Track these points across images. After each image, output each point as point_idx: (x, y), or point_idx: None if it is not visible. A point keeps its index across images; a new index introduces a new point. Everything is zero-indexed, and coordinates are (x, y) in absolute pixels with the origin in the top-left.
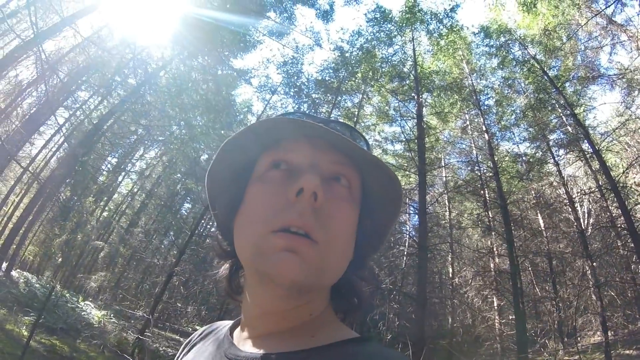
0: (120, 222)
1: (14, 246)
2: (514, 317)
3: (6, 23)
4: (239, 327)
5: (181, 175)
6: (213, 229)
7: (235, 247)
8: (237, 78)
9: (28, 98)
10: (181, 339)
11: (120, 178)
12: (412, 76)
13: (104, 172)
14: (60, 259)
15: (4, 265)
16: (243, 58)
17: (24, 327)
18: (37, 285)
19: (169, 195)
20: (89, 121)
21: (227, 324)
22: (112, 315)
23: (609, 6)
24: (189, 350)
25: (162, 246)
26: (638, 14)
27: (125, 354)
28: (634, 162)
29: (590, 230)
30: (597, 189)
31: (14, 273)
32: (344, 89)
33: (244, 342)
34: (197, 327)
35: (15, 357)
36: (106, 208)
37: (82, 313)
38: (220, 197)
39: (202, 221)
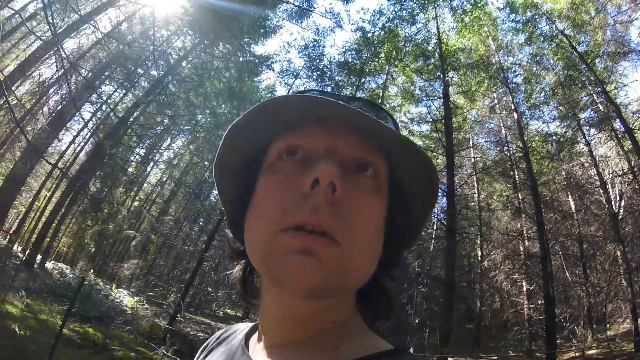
0: (150, 211)
1: (48, 239)
2: (542, 302)
3: (26, 26)
4: (256, 335)
5: (208, 163)
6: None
7: (245, 247)
8: (259, 64)
9: (53, 96)
10: (212, 323)
11: (149, 168)
12: (436, 55)
13: (133, 163)
14: (93, 249)
15: (39, 257)
16: (264, 44)
17: (58, 317)
18: (71, 276)
19: (197, 183)
20: (115, 115)
21: (245, 328)
22: (144, 301)
23: None
24: (205, 356)
25: (193, 233)
26: None
27: (158, 339)
28: None
29: (622, 213)
30: (629, 171)
31: (48, 265)
32: (367, 70)
33: (258, 353)
34: (228, 311)
35: (49, 346)
36: (136, 198)
37: (115, 301)
38: (229, 189)
39: None
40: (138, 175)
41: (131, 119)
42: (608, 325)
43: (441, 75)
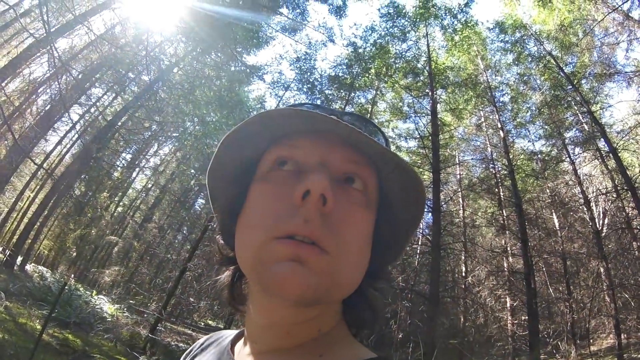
0: (134, 217)
1: (29, 241)
2: (526, 317)
3: (19, 22)
4: (242, 341)
5: (195, 171)
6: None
7: (236, 254)
8: (250, 74)
9: (42, 95)
10: (193, 334)
11: (134, 174)
12: (426, 72)
13: (119, 168)
14: (74, 254)
15: (19, 259)
16: (256, 54)
17: (37, 321)
18: (52, 280)
19: (182, 191)
20: (103, 118)
21: (230, 334)
22: (125, 309)
23: (626, 2)
24: None
25: (176, 241)
26: None
27: (138, 348)
28: None
29: (605, 230)
30: (613, 189)
31: (28, 267)
32: (357, 85)
33: (244, 359)
34: (210, 322)
35: (28, 350)
36: (120, 203)
37: (96, 307)
38: (222, 196)
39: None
40: (123, 181)
41: (119, 123)
42: (591, 341)
43: (430, 93)
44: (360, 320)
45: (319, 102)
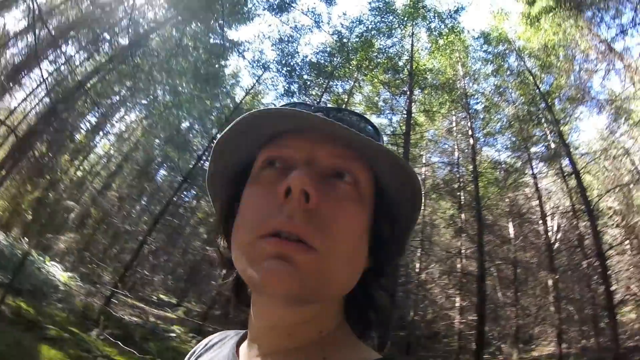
0: (93, 183)
1: None
2: (474, 318)
3: None
4: (247, 342)
5: (160, 141)
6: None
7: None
8: (230, 49)
9: (12, 48)
10: (146, 308)
11: (97, 138)
12: (406, 70)
13: (82, 131)
14: (30, 217)
15: None
16: (238, 29)
17: None
18: (5, 243)
19: (145, 161)
20: (73, 78)
21: (235, 334)
22: (78, 278)
23: (610, 29)
24: None
25: (134, 211)
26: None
27: (91, 320)
28: (612, 189)
29: (557, 244)
30: (571, 208)
31: None
32: (336, 74)
33: None
34: (162, 297)
35: None
36: (80, 168)
37: (49, 274)
38: (220, 200)
39: (181, 192)
40: (86, 144)
41: (89, 85)
42: (534, 347)
43: (408, 92)
44: (363, 321)
45: (296, 86)
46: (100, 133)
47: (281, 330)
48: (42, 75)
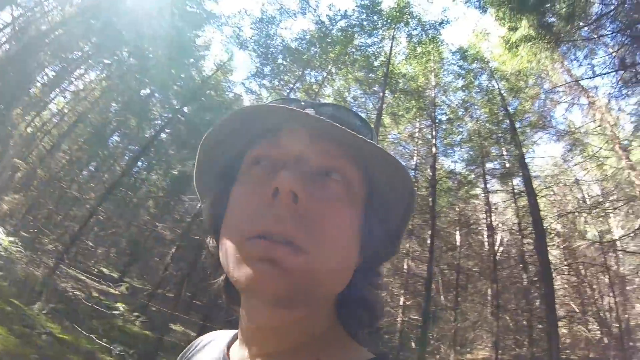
0: (43, 141)
1: None
2: (415, 317)
3: None
4: (237, 343)
5: (117, 105)
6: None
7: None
8: (206, 20)
9: None
10: (87, 280)
11: (53, 95)
12: (381, 72)
13: (39, 85)
14: None
15: None
16: (217, 2)
17: None
18: None
19: (100, 124)
20: (37, 27)
21: (225, 335)
22: (20, 244)
23: (581, 67)
24: None
25: (81, 176)
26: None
27: (33, 291)
28: (562, 215)
29: (500, 257)
30: (517, 227)
31: None
32: (312, 64)
33: None
34: (103, 269)
35: None
36: (32, 124)
37: None
38: (208, 200)
39: (136, 162)
40: (40, 100)
41: (53, 36)
42: (469, 350)
43: (381, 93)
44: (356, 320)
45: (268, 68)
46: (57, 90)
47: (271, 332)
48: (4, 20)
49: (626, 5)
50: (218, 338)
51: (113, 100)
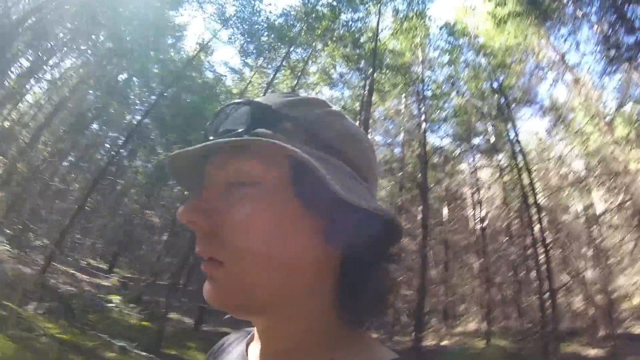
0: (21, 134)
1: None
2: (408, 292)
3: None
4: (254, 341)
5: (95, 92)
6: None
7: None
8: None
9: None
10: (76, 274)
11: (29, 86)
12: (368, 48)
13: (14, 76)
14: None
15: None
16: None
17: None
18: None
19: (79, 113)
20: (9, 15)
21: (247, 333)
22: (6, 242)
23: (566, 42)
24: None
25: (63, 167)
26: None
27: (24, 291)
28: (548, 189)
29: (488, 231)
30: (503, 200)
31: None
32: (297, 41)
33: None
34: (91, 261)
35: None
36: (9, 117)
37: None
38: None
39: (119, 150)
40: (17, 91)
41: (26, 24)
42: (459, 323)
43: (370, 70)
44: (359, 313)
45: (252, 46)
46: (32, 80)
47: (270, 332)
48: None
49: None
50: (241, 336)
51: (91, 87)
